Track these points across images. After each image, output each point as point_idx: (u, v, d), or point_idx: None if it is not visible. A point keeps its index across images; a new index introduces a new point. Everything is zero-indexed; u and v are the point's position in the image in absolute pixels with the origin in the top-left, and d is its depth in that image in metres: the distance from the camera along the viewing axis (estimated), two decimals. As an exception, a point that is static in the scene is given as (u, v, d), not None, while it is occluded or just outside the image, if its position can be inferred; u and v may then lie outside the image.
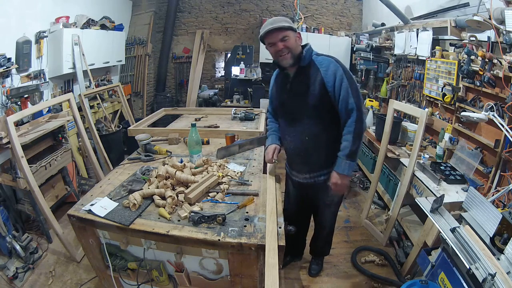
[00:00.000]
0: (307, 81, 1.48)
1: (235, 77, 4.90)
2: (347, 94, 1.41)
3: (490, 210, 1.40)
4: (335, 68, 1.43)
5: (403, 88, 3.38)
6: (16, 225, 2.39)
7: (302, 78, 1.50)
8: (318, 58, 1.49)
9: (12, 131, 1.95)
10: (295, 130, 1.58)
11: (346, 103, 1.42)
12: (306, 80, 1.48)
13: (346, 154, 1.45)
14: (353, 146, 1.44)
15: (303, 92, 1.49)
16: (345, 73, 1.43)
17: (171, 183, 1.50)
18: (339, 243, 2.49)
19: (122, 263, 1.44)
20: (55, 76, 3.23)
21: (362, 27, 5.05)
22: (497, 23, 1.89)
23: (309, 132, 1.54)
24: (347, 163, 1.46)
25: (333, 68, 1.43)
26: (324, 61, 1.47)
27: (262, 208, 1.38)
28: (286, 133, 1.65)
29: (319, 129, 1.53)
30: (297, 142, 1.59)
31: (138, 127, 2.63)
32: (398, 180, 2.50)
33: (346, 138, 1.46)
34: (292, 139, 1.61)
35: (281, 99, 1.63)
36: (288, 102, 1.58)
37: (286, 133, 1.65)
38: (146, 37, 5.01)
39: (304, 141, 1.56)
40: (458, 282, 1.34)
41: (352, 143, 1.44)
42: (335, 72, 1.42)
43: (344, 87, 1.41)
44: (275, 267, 1.02)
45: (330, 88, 1.43)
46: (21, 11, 2.75)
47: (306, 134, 1.55)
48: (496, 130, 1.92)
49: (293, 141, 1.61)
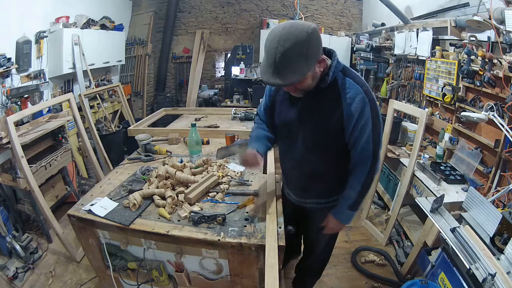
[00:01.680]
0: (323, 108, 1.15)
1: (235, 77, 4.90)
2: (367, 141, 1.14)
3: (490, 210, 1.41)
4: (362, 104, 1.09)
5: (403, 88, 3.38)
6: (16, 225, 2.39)
7: (318, 100, 1.16)
8: (345, 81, 1.12)
9: (12, 131, 1.95)
10: (297, 159, 1.32)
11: (363, 149, 1.17)
12: (322, 104, 1.15)
13: (349, 205, 1.27)
14: (358, 197, 1.26)
15: (317, 118, 1.18)
16: (372, 113, 1.11)
17: (171, 183, 1.50)
18: (339, 243, 2.47)
19: (122, 263, 1.43)
20: (55, 76, 3.22)
21: (362, 27, 5.05)
22: (497, 23, 1.89)
23: (315, 165, 1.30)
24: (349, 213, 1.30)
25: (359, 104, 1.09)
26: (350, 89, 1.10)
27: (262, 208, 1.38)
28: (286, 157, 1.41)
29: (327, 164, 1.29)
30: (298, 170, 1.37)
31: (138, 127, 2.63)
32: (398, 180, 2.50)
33: (353, 185, 1.25)
34: (293, 166, 1.39)
35: (287, 118, 1.27)
36: (296, 125, 1.24)
37: (286, 157, 1.41)
38: (146, 37, 5.01)
39: (306, 172, 1.34)
40: (458, 282, 1.34)
41: (358, 194, 1.24)
42: (362, 110, 1.09)
43: (367, 132, 1.12)
44: (275, 267, 1.02)
45: (349, 125, 1.12)
46: (21, 11, 2.75)
47: (311, 166, 1.31)
48: (496, 130, 1.92)
49: (294, 168, 1.39)
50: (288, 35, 0.94)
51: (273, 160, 1.80)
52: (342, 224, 1.35)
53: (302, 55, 0.96)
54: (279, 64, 0.96)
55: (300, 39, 0.94)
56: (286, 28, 0.95)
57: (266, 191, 1.48)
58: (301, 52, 0.96)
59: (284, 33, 0.95)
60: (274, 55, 0.96)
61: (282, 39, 0.94)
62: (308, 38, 0.95)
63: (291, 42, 0.94)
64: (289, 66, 0.97)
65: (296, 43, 0.94)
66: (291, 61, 0.96)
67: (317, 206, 1.44)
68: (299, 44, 0.94)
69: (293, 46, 0.94)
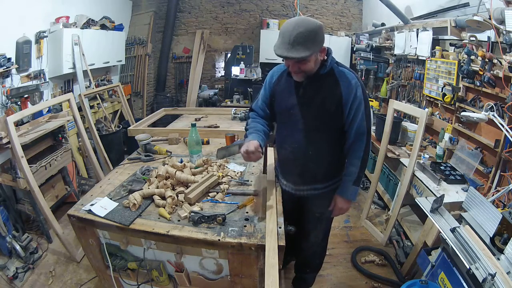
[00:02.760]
0: (324, 92, 1.33)
1: (235, 77, 4.90)
2: (362, 117, 1.34)
3: (490, 210, 1.41)
4: (356, 87, 1.31)
5: (403, 88, 3.38)
6: (16, 225, 2.39)
7: (318, 86, 1.33)
8: (339, 69, 1.34)
9: (12, 131, 1.95)
10: (298, 141, 1.42)
11: (359, 126, 1.35)
12: (322, 89, 1.33)
13: (353, 180, 1.41)
14: (360, 172, 1.40)
15: (318, 102, 1.34)
16: (364, 94, 1.33)
17: (171, 183, 1.50)
18: (339, 243, 2.49)
19: (122, 263, 1.44)
20: (55, 76, 3.22)
21: (362, 27, 5.05)
22: (497, 23, 1.89)
23: (314, 146, 1.41)
24: (354, 189, 1.43)
25: (354, 87, 1.30)
26: (346, 75, 1.32)
27: (262, 208, 1.38)
28: (286, 142, 1.49)
29: (325, 145, 1.42)
30: (298, 153, 1.45)
31: (138, 127, 2.63)
32: (398, 180, 2.50)
33: (354, 162, 1.40)
34: (292, 150, 1.46)
35: (288, 103, 1.40)
36: (297, 109, 1.38)
37: (286, 142, 1.49)
38: (146, 37, 5.01)
39: (307, 154, 1.43)
40: (458, 282, 1.34)
41: (360, 168, 1.40)
42: (356, 91, 1.30)
43: (361, 110, 1.33)
44: (275, 267, 1.02)
45: (346, 107, 1.32)
46: (21, 11, 2.75)
47: (311, 147, 1.41)
48: (496, 130, 1.92)
49: (293, 152, 1.46)
50: (302, 23, 1.18)
51: (273, 161, 1.80)
52: (349, 200, 1.46)
53: (311, 38, 1.18)
54: (293, 42, 1.17)
55: (311, 27, 1.17)
56: (300, 19, 1.20)
57: (266, 191, 1.48)
58: (311, 36, 1.18)
59: (299, 21, 1.19)
60: (289, 35, 1.17)
61: (298, 25, 1.17)
62: (317, 29, 1.19)
63: (304, 28, 1.16)
64: (302, 43, 1.17)
65: (307, 29, 1.17)
66: (303, 40, 1.17)
67: (313, 192, 1.54)
68: (310, 30, 1.17)
69: (305, 30, 1.16)
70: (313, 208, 1.62)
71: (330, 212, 1.60)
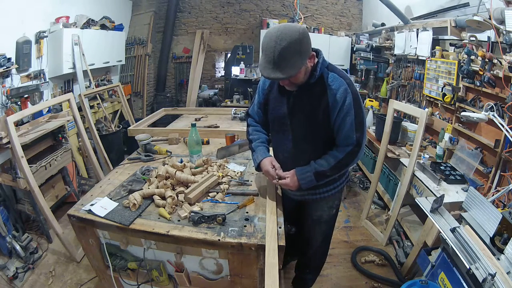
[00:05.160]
0: (312, 100, 1.26)
1: (235, 77, 4.90)
2: (350, 128, 1.25)
3: (490, 210, 1.40)
4: (345, 94, 1.21)
5: (403, 88, 3.38)
6: (16, 225, 2.39)
7: (308, 95, 1.27)
8: (329, 75, 1.25)
9: (12, 131, 1.95)
10: (288, 151, 1.39)
11: (346, 136, 1.27)
12: (310, 98, 1.27)
13: (316, 171, 1.30)
14: (328, 170, 1.30)
15: (306, 112, 1.29)
16: (354, 102, 1.23)
17: (171, 183, 1.50)
18: (339, 243, 2.49)
19: (122, 263, 1.44)
20: (55, 76, 3.23)
21: (362, 27, 5.05)
22: (497, 23, 1.89)
23: (305, 157, 1.35)
24: (311, 179, 1.31)
25: (342, 94, 1.21)
26: (335, 81, 1.23)
27: (262, 208, 1.38)
28: (278, 151, 1.46)
29: (316, 156, 1.34)
30: (289, 163, 1.39)
31: (138, 127, 2.63)
32: (398, 180, 2.50)
33: (328, 159, 1.30)
34: (284, 159, 1.42)
35: (280, 112, 1.36)
36: (287, 119, 1.34)
37: (278, 151, 1.46)
38: (146, 37, 5.01)
39: (298, 164, 1.37)
40: (458, 282, 1.34)
41: (329, 168, 1.29)
42: (344, 99, 1.21)
43: (349, 120, 1.24)
44: (275, 267, 1.02)
45: (333, 115, 1.24)
46: (21, 11, 2.75)
47: (301, 158, 1.36)
48: (496, 130, 1.92)
49: (285, 162, 1.41)
50: (283, 35, 1.07)
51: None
52: (298, 184, 1.32)
53: (296, 52, 1.09)
54: (277, 60, 1.08)
55: (294, 38, 1.07)
56: (280, 30, 1.08)
57: (266, 191, 1.48)
58: (295, 49, 1.08)
59: (279, 34, 1.07)
60: (272, 53, 1.08)
61: (279, 39, 1.07)
62: (300, 37, 1.08)
63: (287, 41, 1.06)
64: (286, 61, 1.09)
65: (290, 42, 1.06)
66: (288, 57, 1.08)
67: (312, 197, 1.50)
68: (293, 42, 1.07)
69: (288, 44, 1.06)
70: (312, 211, 1.59)
71: (330, 215, 1.59)
